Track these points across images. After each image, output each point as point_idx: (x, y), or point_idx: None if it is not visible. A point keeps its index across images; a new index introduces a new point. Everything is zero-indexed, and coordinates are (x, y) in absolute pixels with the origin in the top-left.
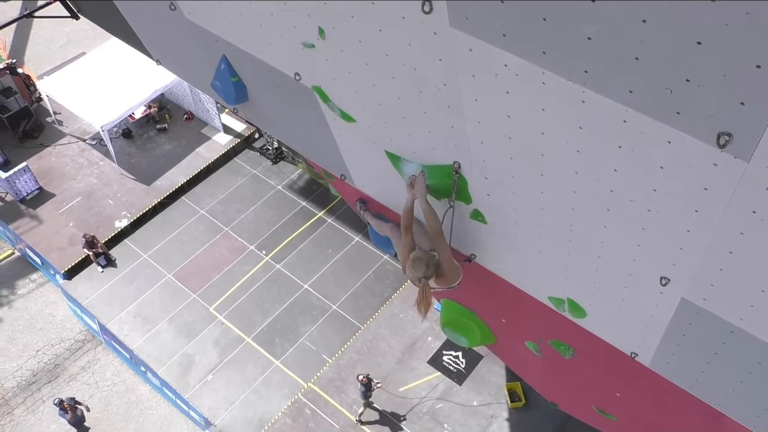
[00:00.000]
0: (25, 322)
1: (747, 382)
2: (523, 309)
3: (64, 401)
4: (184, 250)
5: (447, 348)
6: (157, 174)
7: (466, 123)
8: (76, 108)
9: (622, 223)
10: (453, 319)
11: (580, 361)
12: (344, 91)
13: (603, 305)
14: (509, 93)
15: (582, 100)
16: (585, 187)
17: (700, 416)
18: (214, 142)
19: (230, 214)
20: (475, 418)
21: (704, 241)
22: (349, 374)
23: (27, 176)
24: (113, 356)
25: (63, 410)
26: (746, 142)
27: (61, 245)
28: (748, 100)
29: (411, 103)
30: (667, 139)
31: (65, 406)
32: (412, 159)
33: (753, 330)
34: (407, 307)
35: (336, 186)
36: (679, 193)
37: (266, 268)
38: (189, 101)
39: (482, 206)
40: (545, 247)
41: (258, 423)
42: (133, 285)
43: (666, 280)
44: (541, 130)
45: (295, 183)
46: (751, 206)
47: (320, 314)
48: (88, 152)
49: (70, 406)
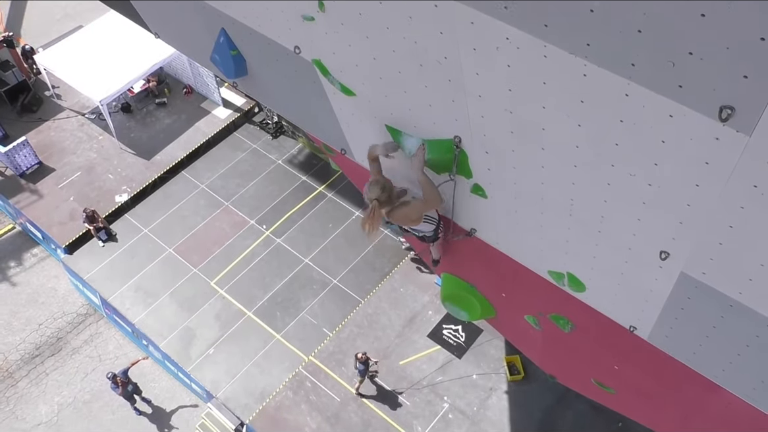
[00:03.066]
0: (28, 296)
1: (744, 355)
2: (522, 283)
3: (117, 376)
4: (184, 225)
5: (447, 322)
6: (156, 148)
7: (466, 97)
8: (75, 82)
9: (622, 197)
10: (453, 293)
11: (579, 335)
12: (344, 64)
13: (602, 279)
14: (510, 66)
15: (583, 74)
16: (586, 162)
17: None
18: (213, 117)
19: (230, 189)
20: (475, 390)
21: (704, 216)
22: (349, 348)
23: (26, 150)
24: (115, 330)
25: (115, 384)
26: (748, 115)
27: (61, 220)
28: (751, 73)
29: (411, 76)
30: (669, 113)
31: (118, 380)
32: (412, 133)
33: (752, 304)
34: (408, 282)
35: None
36: (680, 167)
37: (267, 242)
38: (188, 75)
39: (483, 180)
40: (545, 221)
41: (259, 395)
42: (134, 259)
43: (666, 255)
44: (542, 104)
45: (295, 157)
46: (752, 180)
47: (321, 288)
48: (87, 126)
49: (122, 381)
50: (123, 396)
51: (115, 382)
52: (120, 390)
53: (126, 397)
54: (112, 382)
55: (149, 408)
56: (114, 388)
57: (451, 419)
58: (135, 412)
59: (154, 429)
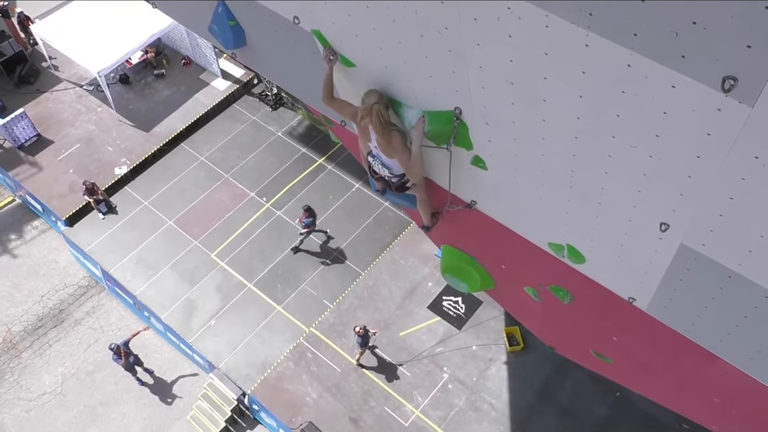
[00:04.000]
0: (29, 269)
1: (742, 326)
2: (522, 255)
3: (120, 347)
4: (184, 197)
5: (447, 293)
6: (155, 120)
7: (467, 68)
8: (72, 53)
9: (623, 169)
10: (453, 265)
11: (578, 306)
12: (344, 35)
13: (602, 251)
14: (512, 37)
15: (586, 44)
16: (587, 133)
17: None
18: (212, 88)
19: (230, 161)
20: (474, 361)
21: (705, 187)
22: (350, 319)
23: (25, 122)
24: (117, 302)
25: (117, 355)
26: (751, 86)
27: (61, 192)
28: (755, 42)
29: (412, 47)
30: (671, 83)
31: (120, 351)
32: (412, 104)
33: (750, 275)
34: (408, 254)
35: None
36: (682, 138)
37: (267, 214)
38: (186, 46)
39: (483, 152)
40: (546, 193)
41: (261, 366)
42: (135, 232)
43: (666, 226)
44: (544, 75)
45: (294, 129)
46: (753, 152)
47: (321, 260)
48: (85, 98)
49: (125, 352)
50: (125, 367)
51: (118, 353)
52: (122, 361)
53: (127, 368)
54: (114, 353)
55: (151, 379)
56: (116, 359)
57: (451, 389)
58: (137, 382)
59: (157, 399)
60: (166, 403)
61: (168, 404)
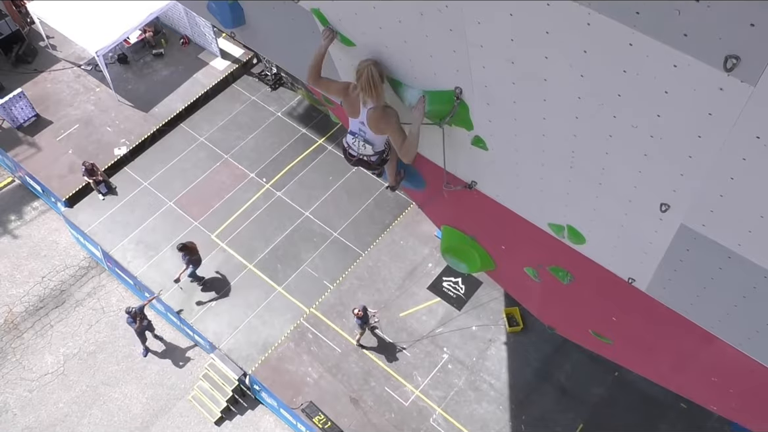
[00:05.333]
0: (30, 250)
1: (741, 306)
2: (522, 235)
3: (137, 311)
4: (184, 178)
5: (447, 274)
6: (154, 100)
7: (468, 47)
8: (70, 32)
9: (624, 149)
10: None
11: (578, 287)
12: (343, 13)
13: (602, 232)
14: (513, 15)
15: (587, 23)
16: (588, 113)
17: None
18: (211, 68)
19: (230, 142)
20: (474, 342)
21: (706, 167)
22: (350, 300)
23: (23, 103)
24: (117, 283)
25: (132, 319)
26: (754, 65)
27: (61, 173)
28: (758, 21)
29: (412, 26)
30: (673, 62)
31: (136, 315)
32: (413, 84)
33: (750, 255)
34: (408, 234)
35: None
36: (683, 118)
37: (267, 195)
38: (185, 25)
39: (484, 133)
40: (546, 173)
41: (262, 347)
42: (135, 212)
43: (666, 207)
44: (545, 54)
45: (294, 110)
46: (755, 131)
47: (321, 241)
48: (83, 78)
49: (140, 316)
50: (137, 331)
51: (133, 316)
52: (137, 324)
53: (139, 332)
54: (129, 316)
55: (162, 345)
56: (131, 322)
57: (451, 369)
58: (143, 352)
59: (159, 379)
60: (168, 383)
61: (169, 385)
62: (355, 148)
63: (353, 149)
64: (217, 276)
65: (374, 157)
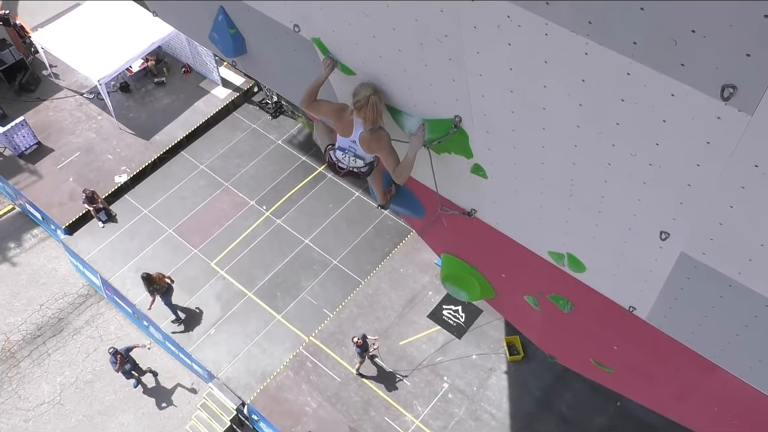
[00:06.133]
0: (28, 277)
1: (743, 335)
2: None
3: (119, 352)
4: (184, 206)
5: (447, 302)
6: (155, 128)
7: (467, 76)
8: (73, 61)
9: (623, 177)
10: (453, 274)
11: (578, 315)
12: (344, 43)
13: (602, 260)
14: (511, 45)
15: (585, 53)
16: (586, 142)
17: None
18: (212, 96)
19: (230, 169)
20: (474, 370)
21: (705, 196)
22: (349, 328)
23: (25, 130)
24: (116, 311)
25: (115, 359)
26: (751, 94)
27: (61, 200)
28: (754, 51)
29: (412, 55)
30: (671, 92)
31: (118, 357)
32: (412, 113)
33: (751, 284)
34: (408, 262)
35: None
36: (682, 147)
37: (267, 223)
38: (187, 54)
39: (483, 161)
40: (546, 201)
41: (260, 376)
42: (135, 240)
43: (666, 235)
44: (544, 84)
45: (294, 137)
46: (753, 160)
47: (321, 269)
48: (85, 106)
49: (122, 358)
50: (120, 372)
51: (116, 357)
52: (117, 366)
53: (123, 373)
54: (113, 356)
55: (153, 381)
56: (113, 362)
57: (451, 399)
58: (138, 387)
59: (156, 409)
60: (165, 413)
61: (167, 414)
62: (345, 162)
63: (342, 163)
64: (216, 304)
65: (365, 168)
